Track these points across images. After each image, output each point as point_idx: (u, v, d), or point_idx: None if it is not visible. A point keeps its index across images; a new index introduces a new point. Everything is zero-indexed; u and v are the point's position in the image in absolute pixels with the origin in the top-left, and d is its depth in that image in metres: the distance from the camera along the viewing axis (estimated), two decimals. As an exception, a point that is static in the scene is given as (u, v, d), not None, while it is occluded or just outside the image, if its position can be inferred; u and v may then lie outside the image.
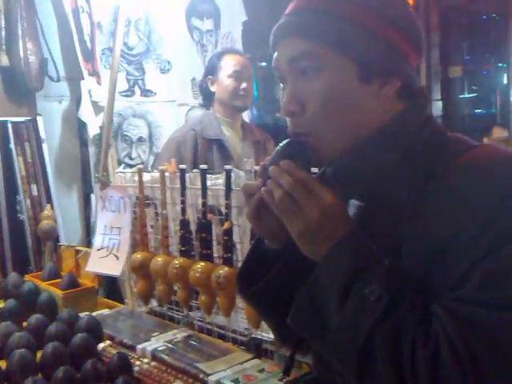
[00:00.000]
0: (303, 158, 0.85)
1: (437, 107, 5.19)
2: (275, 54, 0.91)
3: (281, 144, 0.88)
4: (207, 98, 2.56)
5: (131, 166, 2.63)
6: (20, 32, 2.43)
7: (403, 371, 0.72)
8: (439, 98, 5.26)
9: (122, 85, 2.95)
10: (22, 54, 2.44)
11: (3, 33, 2.44)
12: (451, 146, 0.85)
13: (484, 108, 5.76)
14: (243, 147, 2.51)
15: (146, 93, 3.11)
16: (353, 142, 0.86)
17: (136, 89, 3.08)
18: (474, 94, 5.67)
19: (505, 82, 5.21)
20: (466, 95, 5.66)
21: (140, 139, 3.09)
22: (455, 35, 5.38)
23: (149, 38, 3.11)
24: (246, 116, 3.02)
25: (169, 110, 3.17)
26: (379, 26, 0.84)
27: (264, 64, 5.42)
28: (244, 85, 2.44)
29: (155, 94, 3.14)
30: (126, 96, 3.03)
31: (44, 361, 1.50)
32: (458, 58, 5.49)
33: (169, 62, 3.18)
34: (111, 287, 2.33)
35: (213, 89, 2.50)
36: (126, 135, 3.04)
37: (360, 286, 0.76)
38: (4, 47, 2.44)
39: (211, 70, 2.51)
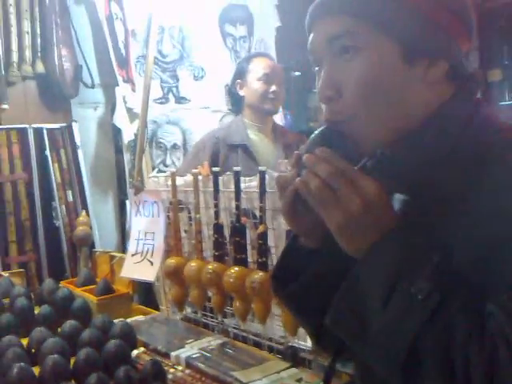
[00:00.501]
0: (341, 146, 0.78)
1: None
2: (311, 36, 0.84)
3: (316, 131, 0.81)
4: (236, 103, 2.54)
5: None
6: (55, 39, 2.45)
7: (455, 377, 0.66)
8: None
9: (157, 92, 2.96)
10: (57, 61, 2.46)
11: (39, 40, 2.47)
12: (505, 135, 0.78)
13: (524, 114, 5.56)
14: (274, 150, 2.46)
15: (180, 100, 3.11)
16: (396, 131, 0.80)
17: (170, 96, 3.09)
18: (514, 102, 5.47)
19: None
20: (507, 101, 5.47)
21: (174, 146, 3.08)
22: (495, 38, 5.22)
23: (182, 45, 3.11)
24: (280, 122, 2.98)
25: (203, 117, 3.16)
26: (426, 4, 0.78)
27: (298, 73, 5.37)
28: (273, 88, 2.40)
29: (189, 100, 3.14)
30: (161, 103, 3.03)
31: (77, 367, 1.48)
32: (497, 61, 5.33)
33: (202, 69, 3.17)
34: (147, 293, 2.31)
35: (242, 93, 2.47)
36: (161, 142, 3.04)
37: (406, 284, 0.69)
38: (39, 54, 2.47)
39: (240, 74, 2.49)
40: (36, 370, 1.47)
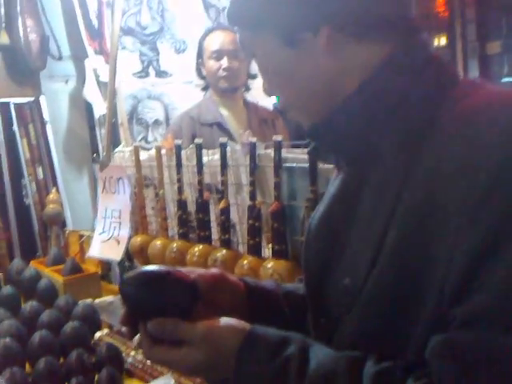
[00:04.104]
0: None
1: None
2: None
3: None
4: (205, 82, 2.47)
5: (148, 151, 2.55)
6: (19, 8, 2.34)
7: None
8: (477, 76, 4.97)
9: (136, 66, 2.86)
10: (21, 32, 2.35)
11: (2, 10, 2.35)
12: (456, 91, 0.67)
13: (525, 87, 5.41)
14: (248, 126, 2.36)
15: (161, 74, 3.00)
16: (329, 106, 0.73)
17: (150, 70, 2.98)
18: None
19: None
20: (505, 75, 5.33)
21: (156, 122, 2.99)
22: (493, 9, 5.05)
23: (162, 17, 2.99)
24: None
25: (186, 92, 3.05)
26: None
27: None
28: (224, 64, 2.28)
29: (171, 74, 3.02)
30: (140, 77, 2.92)
31: (30, 351, 1.41)
32: (496, 33, 5.16)
33: (184, 42, 3.06)
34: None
35: (204, 72, 2.39)
36: (142, 118, 2.94)
37: None
38: (4, 25, 2.36)
39: (200, 53, 2.41)
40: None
